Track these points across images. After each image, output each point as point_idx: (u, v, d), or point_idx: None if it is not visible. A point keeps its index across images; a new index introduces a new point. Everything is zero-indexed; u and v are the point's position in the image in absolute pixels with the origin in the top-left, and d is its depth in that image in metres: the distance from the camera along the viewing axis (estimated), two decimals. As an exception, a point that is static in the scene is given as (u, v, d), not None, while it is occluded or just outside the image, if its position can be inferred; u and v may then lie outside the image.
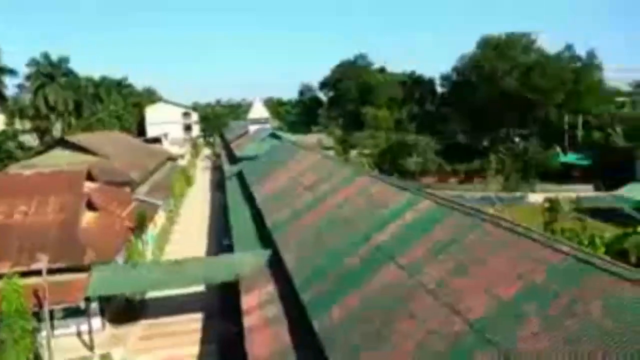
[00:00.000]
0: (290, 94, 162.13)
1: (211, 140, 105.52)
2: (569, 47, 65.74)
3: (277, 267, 16.70)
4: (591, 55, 64.60)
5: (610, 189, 44.30)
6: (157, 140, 70.81)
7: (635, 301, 6.57)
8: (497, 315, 8.02)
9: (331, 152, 51.55)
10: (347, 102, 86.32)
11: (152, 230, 29.70)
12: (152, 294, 22.58)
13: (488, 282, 8.99)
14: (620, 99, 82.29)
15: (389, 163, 59.28)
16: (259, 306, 14.56)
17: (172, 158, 55.38)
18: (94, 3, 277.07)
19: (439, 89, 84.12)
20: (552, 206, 31.90)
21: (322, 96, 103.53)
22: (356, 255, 13.34)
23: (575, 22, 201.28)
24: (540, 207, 33.81)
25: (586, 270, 7.68)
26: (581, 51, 66.05)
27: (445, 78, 78.24)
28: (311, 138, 63.64)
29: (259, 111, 60.51)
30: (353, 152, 59.08)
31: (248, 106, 79.98)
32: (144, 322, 20.42)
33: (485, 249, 10.08)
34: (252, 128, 58.70)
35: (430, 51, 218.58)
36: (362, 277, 12.06)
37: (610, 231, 29.07)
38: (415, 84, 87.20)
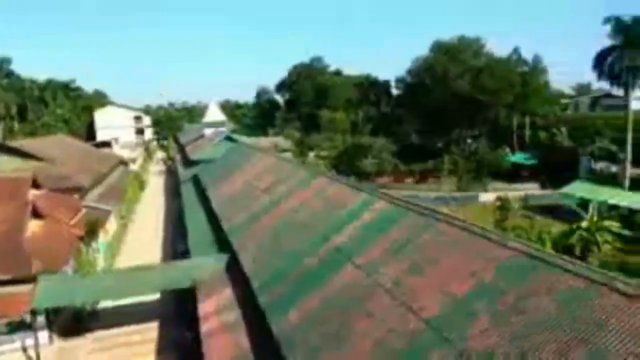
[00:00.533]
0: (247, 96, 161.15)
1: (165, 143, 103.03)
2: (516, 51, 68.60)
3: (234, 271, 16.47)
4: (537, 59, 67.68)
5: (556, 187, 46.34)
6: (106, 144, 68.41)
7: (578, 292, 6.89)
8: (451, 313, 8.21)
9: (288, 155, 51.46)
10: (304, 104, 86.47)
11: (104, 237, 28.62)
12: (104, 304, 21.73)
13: (442, 281, 9.20)
14: (564, 101, 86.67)
15: (346, 165, 59.77)
16: (217, 311, 14.30)
17: (123, 162, 53.65)
18: (39, 2, 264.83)
19: (394, 91, 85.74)
20: (503, 205, 33.07)
21: (279, 98, 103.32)
22: (314, 257, 13.36)
23: (519, 28, 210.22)
24: (491, 206, 34.98)
25: (533, 266, 8.00)
26: (527, 55, 69.21)
27: (399, 80, 79.77)
28: (268, 141, 63.34)
29: (214, 114, 59.68)
30: (310, 155, 59.21)
31: (203, 109, 78.71)
32: (95, 334, 19.61)
33: (440, 248, 10.31)
34: (208, 131, 57.78)
35: (385, 54, 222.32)
36: (320, 278, 12.07)
37: (556, 227, 30.48)
38: (371, 87, 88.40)
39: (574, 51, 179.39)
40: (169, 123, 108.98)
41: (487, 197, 46.09)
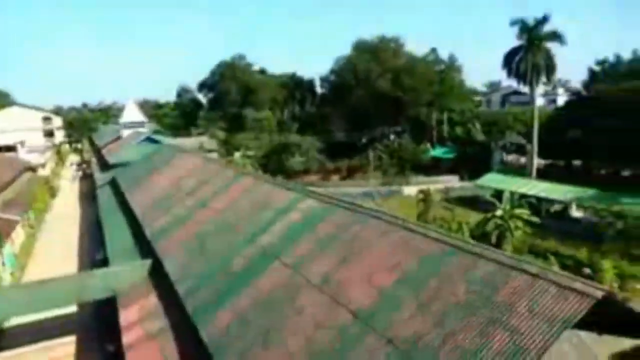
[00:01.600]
0: (167, 96, 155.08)
1: (79, 146, 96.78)
2: (433, 51, 71.97)
3: (159, 277, 15.80)
4: (452, 58, 71.47)
5: (473, 179, 49.22)
6: (10, 148, 62.98)
7: (492, 276, 7.34)
8: (379, 304, 8.42)
9: (214, 155, 50.33)
10: (229, 103, 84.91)
11: (10, 249, 26.32)
12: (13, 322, 19.97)
13: (370, 273, 9.41)
14: (478, 98, 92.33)
15: (274, 164, 59.61)
16: (140, 320, 13.63)
17: (31, 168, 49.66)
18: None
19: (319, 90, 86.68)
20: (425, 197, 34.57)
21: (202, 98, 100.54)
22: (242, 258, 13.15)
23: (434, 28, 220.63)
24: (414, 199, 36.42)
25: (451, 253, 8.41)
26: (444, 54, 72.84)
27: (324, 79, 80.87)
28: (192, 141, 61.49)
29: (132, 114, 56.87)
30: (237, 154, 58.30)
31: (120, 109, 74.79)
32: (2, 355, 17.98)
33: (366, 242, 10.54)
34: (126, 132, 55.00)
35: (309, 53, 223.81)
36: (248, 279, 11.91)
37: (474, 217, 32.37)
38: (296, 85, 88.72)
39: (486, 51, 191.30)
40: (83, 124, 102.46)
41: (411, 190, 47.94)
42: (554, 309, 6.25)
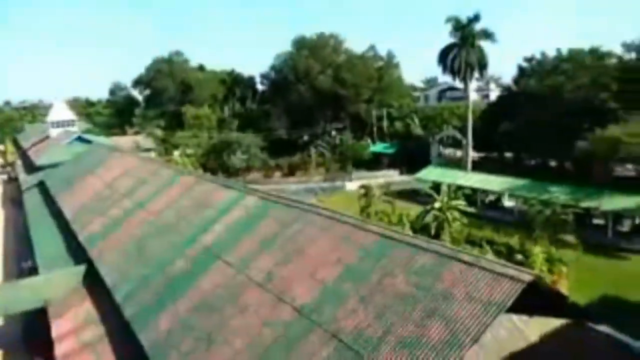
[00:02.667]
0: (99, 93, 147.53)
1: (1, 148, 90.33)
2: (372, 48, 73.21)
3: (94, 284, 15.06)
4: (390, 55, 73.05)
5: (413, 172, 50.68)
6: None
7: (430, 267, 7.57)
8: (322, 299, 8.46)
9: (151, 154, 48.63)
10: (166, 100, 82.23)
11: None
12: None
13: (313, 268, 9.43)
14: (416, 93, 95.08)
15: (214, 162, 58.50)
16: (74, 330, 12.93)
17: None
18: None
19: (260, 87, 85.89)
20: (367, 192, 35.17)
21: (137, 95, 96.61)
22: (184, 259, 12.81)
23: (372, 25, 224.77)
24: (356, 194, 36.97)
25: (391, 246, 8.59)
26: (382, 51, 74.27)
27: (264, 76, 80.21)
28: (127, 140, 59.07)
29: (61, 112, 53.75)
30: (175, 153, 56.67)
31: (47, 108, 70.43)
32: None
33: (309, 238, 10.55)
34: (55, 132, 51.94)
35: (248, 49, 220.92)
36: (190, 280, 11.61)
37: (414, 210, 33.31)
38: (236, 82, 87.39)
39: (423, 47, 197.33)
40: (6, 124, 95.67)
41: (353, 185, 48.65)
42: (488, 295, 6.53)
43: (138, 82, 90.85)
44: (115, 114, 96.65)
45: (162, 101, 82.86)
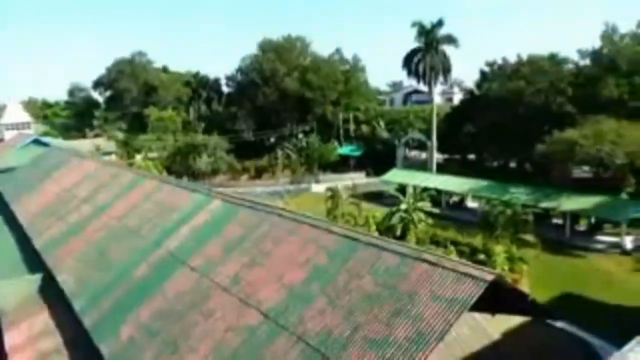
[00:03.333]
0: (57, 94, 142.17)
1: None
2: (338, 51, 73.62)
3: (51, 293, 14.49)
4: (356, 58, 73.65)
5: (379, 174, 51.22)
6: None
7: (394, 266, 7.64)
8: (289, 301, 8.40)
9: (113, 158, 47.36)
10: (128, 102, 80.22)
11: None
12: None
13: (279, 271, 9.37)
14: (381, 97, 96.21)
15: (179, 165, 57.48)
16: (30, 341, 12.39)
17: None
18: None
19: (226, 89, 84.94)
20: (333, 194, 35.27)
21: (98, 96, 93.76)
22: (147, 265, 12.50)
23: (338, 29, 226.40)
24: (323, 196, 37.03)
25: (357, 248, 8.63)
26: (348, 55, 74.80)
27: (230, 78, 79.39)
28: (87, 143, 57.30)
29: (16, 114, 51.82)
30: (138, 156, 55.32)
31: (1, 109, 67.57)
32: None
33: (275, 241, 10.48)
34: (8, 134, 49.96)
35: (214, 52, 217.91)
36: (153, 286, 11.33)
37: (380, 211, 33.63)
38: (201, 84, 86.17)
39: (388, 52, 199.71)
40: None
41: (319, 188, 48.74)
42: (452, 294, 6.63)
43: (98, 83, 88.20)
44: (75, 116, 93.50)
45: (124, 103, 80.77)
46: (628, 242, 29.59)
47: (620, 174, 36.76)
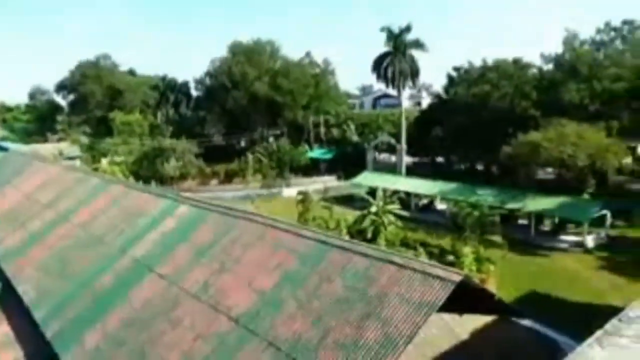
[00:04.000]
0: (18, 97, 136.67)
1: None
2: (308, 55, 73.70)
3: (10, 303, 13.94)
4: (326, 62, 73.93)
5: (349, 178, 51.42)
6: None
7: (364, 269, 7.67)
8: (259, 307, 8.33)
9: (77, 163, 46.04)
10: (93, 106, 78.06)
11: None
12: None
13: (249, 277, 9.28)
14: (351, 100, 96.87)
15: (147, 170, 56.29)
16: (-12, 355, 11.88)
17: None
18: None
19: (194, 93, 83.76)
20: (304, 198, 35.20)
21: (61, 100, 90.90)
22: (113, 272, 12.18)
23: (308, 33, 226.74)
24: (294, 200, 36.92)
25: (328, 251, 8.63)
26: (318, 59, 74.93)
27: (199, 82, 78.31)
28: (50, 147, 55.48)
29: (-26, 118, 49.64)
30: (104, 161, 53.87)
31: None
32: None
33: (245, 246, 10.38)
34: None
35: (182, 54, 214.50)
36: (120, 295, 11.05)
37: (351, 214, 33.72)
38: (170, 88, 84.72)
39: (358, 55, 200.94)
40: None
41: (290, 191, 48.53)
42: (420, 296, 6.69)
43: (61, 87, 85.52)
44: (36, 120, 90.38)
45: (88, 107, 78.50)
46: (590, 240, 30.62)
47: (581, 175, 38.04)
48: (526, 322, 10.63)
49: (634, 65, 42.05)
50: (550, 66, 49.24)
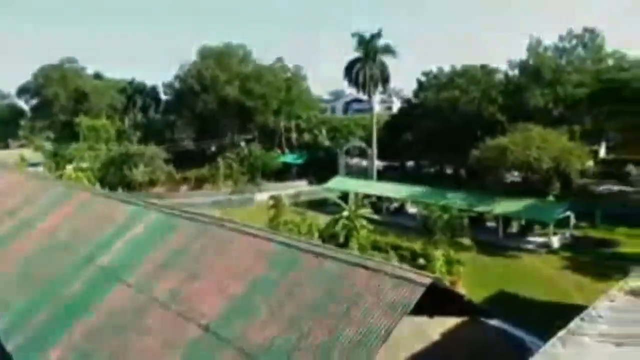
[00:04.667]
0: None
1: None
2: (279, 59, 73.59)
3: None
4: (297, 67, 73.99)
5: (321, 182, 51.53)
6: None
7: (336, 273, 7.68)
8: (231, 313, 8.23)
9: (40, 169, 44.61)
10: (57, 110, 75.75)
11: None
12: None
13: (220, 283, 9.16)
14: (323, 105, 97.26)
15: (114, 176, 54.98)
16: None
17: None
18: None
19: (163, 97, 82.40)
20: (276, 203, 35.05)
21: (23, 104, 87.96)
22: (78, 282, 11.81)
23: (280, 38, 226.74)
24: (266, 205, 36.71)
25: (299, 256, 8.60)
26: (289, 64, 74.93)
27: (168, 86, 77.12)
28: (11, 154, 53.64)
29: None
30: (69, 167, 52.34)
31: None
32: None
33: (215, 252, 10.26)
34: None
35: (150, 58, 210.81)
36: (86, 305, 10.72)
37: (323, 219, 33.75)
38: (137, 92, 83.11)
39: (329, 60, 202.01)
40: None
41: (262, 196, 48.20)
42: (392, 299, 6.74)
43: (23, 90, 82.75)
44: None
45: (52, 111, 76.11)
46: (555, 241, 31.56)
47: (547, 178, 39.20)
48: (495, 322, 10.86)
49: (594, 72, 43.72)
50: (516, 71, 50.66)
